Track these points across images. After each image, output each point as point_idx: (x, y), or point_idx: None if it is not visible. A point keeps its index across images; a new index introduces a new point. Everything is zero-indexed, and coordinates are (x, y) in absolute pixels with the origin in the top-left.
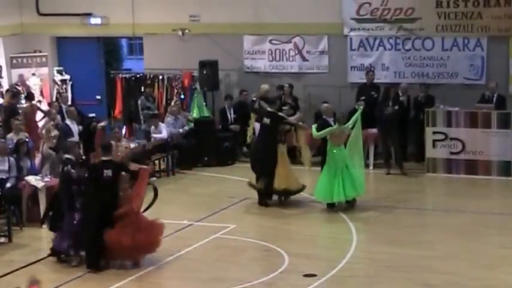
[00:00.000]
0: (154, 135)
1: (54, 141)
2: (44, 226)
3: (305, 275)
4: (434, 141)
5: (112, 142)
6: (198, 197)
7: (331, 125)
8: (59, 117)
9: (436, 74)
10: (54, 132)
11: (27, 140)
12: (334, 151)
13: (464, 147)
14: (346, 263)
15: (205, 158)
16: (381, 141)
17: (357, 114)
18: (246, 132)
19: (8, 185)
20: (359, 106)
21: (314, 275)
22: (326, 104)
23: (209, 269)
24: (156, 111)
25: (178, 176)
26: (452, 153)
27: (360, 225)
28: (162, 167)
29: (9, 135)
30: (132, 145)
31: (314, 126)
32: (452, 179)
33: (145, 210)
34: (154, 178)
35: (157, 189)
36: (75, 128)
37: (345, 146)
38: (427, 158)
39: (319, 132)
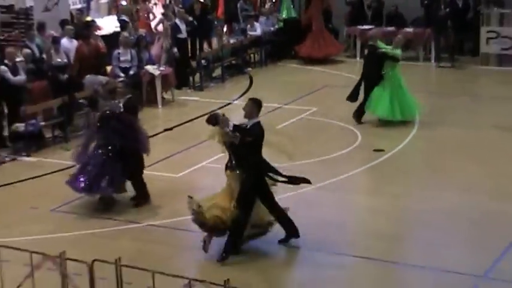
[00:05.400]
0: (250, 33)
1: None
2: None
3: (375, 150)
4: (487, 39)
5: None
6: (286, 84)
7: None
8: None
9: None
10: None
11: (145, 35)
12: (392, 72)
13: None
14: (409, 141)
15: (293, 52)
16: (434, 39)
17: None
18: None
19: (131, 72)
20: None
21: (382, 150)
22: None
23: (295, 144)
24: (252, 13)
25: (270, 67)
26: (503, 48)
27: (421, 109)
28: (257, 59)
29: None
30: (232, 40)
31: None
32: (502, 70)
33: (241, 96)
34: (250, 68)
35: (252, 78)
36: (183, 27)
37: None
38: (481, 53)
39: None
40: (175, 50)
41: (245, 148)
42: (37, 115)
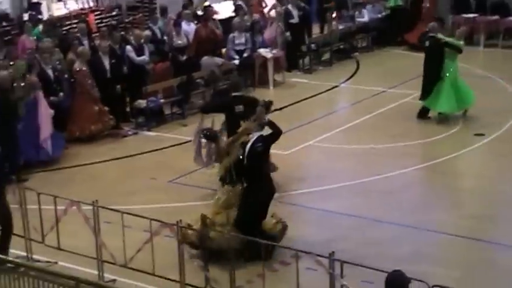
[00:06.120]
0: (358, 19)
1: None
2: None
3: (475, 134)
4: None
5: None
6: (391, 70)
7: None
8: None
9: None
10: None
11: (259, 20)
12: (452, 64)
13: None
14: (509, 126)
15: (400, 39)
16: None
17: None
18: None
19: (245, 55)
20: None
21: (482, 135)
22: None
23: (395, 127)
24: (360, 0)
25: (376, 52)
26: None
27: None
28: (363, 44)
29: (245, 17)
30: (340, 26)
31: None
32: None
33: (348, 79)
34: (357, 53)
35: (359, 62)
36: (295, 12)
37: None
38: None
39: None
40: (287, 34)
41: (255, 159)
42: (158, 93)
